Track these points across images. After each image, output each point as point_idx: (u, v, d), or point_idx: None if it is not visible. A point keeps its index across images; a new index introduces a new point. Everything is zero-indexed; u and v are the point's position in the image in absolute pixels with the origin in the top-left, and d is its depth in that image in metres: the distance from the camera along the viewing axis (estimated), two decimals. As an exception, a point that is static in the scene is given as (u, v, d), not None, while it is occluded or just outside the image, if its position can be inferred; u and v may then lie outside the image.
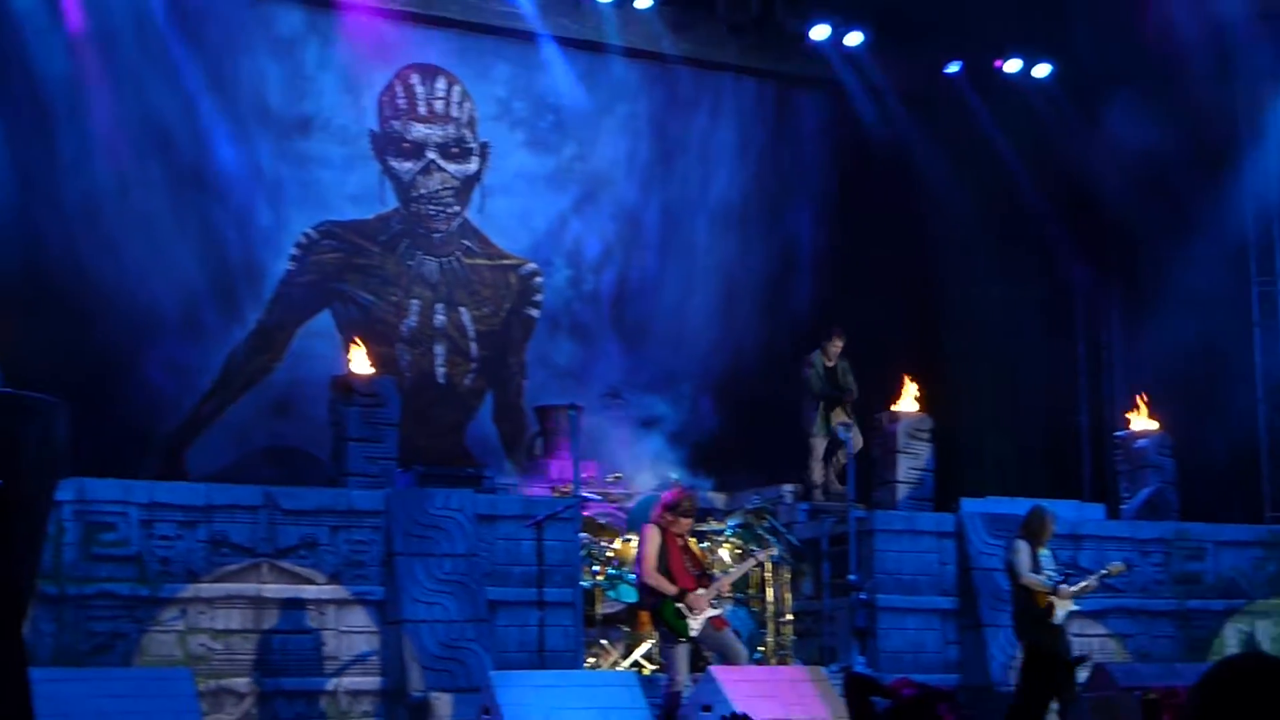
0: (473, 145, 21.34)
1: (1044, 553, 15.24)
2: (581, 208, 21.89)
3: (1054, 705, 15.05)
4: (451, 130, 21.23)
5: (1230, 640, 18.63)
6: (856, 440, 18.53)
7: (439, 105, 21.18)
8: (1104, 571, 15.79)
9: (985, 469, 22.65)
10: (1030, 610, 15.02)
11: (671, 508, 13.73)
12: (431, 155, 21.04)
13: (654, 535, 13.64)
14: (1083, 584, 15.36)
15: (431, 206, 21.02)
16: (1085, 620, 17.31)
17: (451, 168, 21.17)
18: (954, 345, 23.47)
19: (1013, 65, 23.25)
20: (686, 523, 13.82)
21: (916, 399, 18.98)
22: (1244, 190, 22.75)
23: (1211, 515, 19.59)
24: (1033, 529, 15.17)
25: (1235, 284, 22.69)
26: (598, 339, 21.63)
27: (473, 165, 21.33)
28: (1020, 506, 16.12)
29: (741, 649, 14.04)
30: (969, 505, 17.97)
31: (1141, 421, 20.19)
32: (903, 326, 22.93)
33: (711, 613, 13.57)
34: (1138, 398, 20.45)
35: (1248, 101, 22.31)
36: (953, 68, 23.26)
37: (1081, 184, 23.31)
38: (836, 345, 19.08)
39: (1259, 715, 3.11)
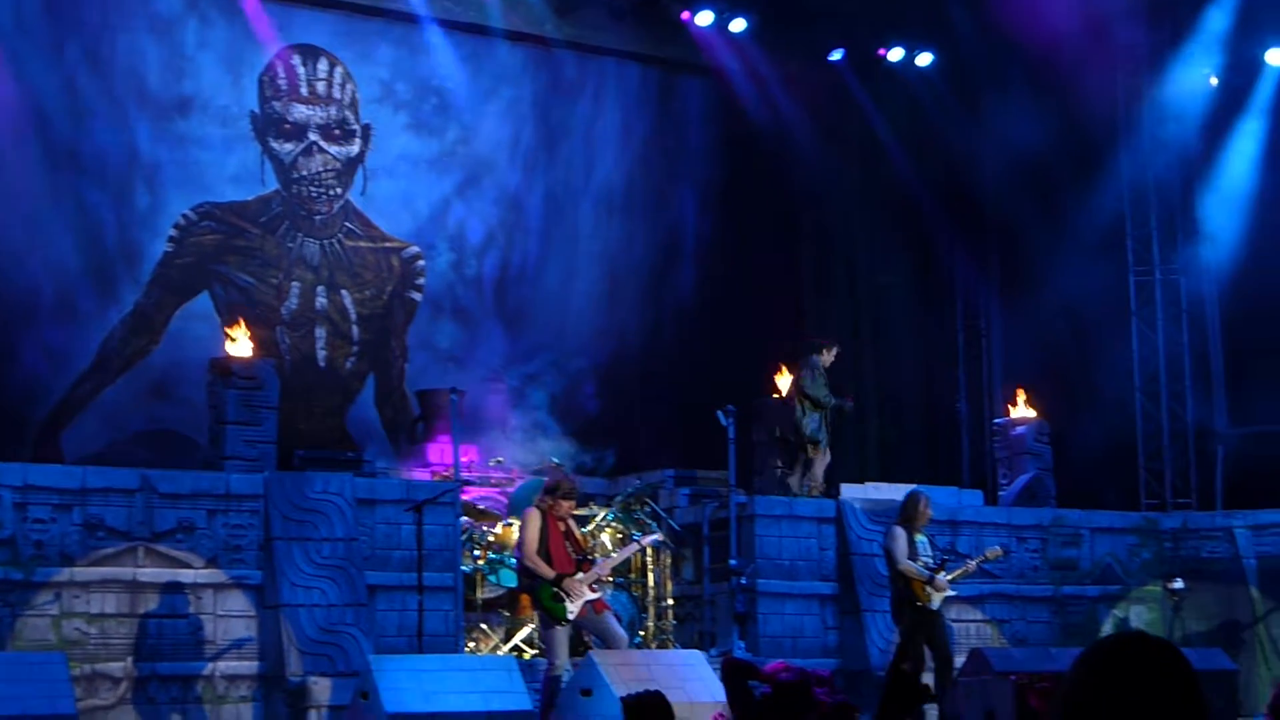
0: (355, 127, 21.18)
1: (921, 538, 15.38)
2: (464, 191, 21.79)
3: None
4: (333, 112, 21.06)
5: (1105, 624, 18.86)
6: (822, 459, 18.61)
7: (321, 87, 21.00)
8: (982, 556, 15.95)
9: (865, 455, 22.82)
10: (907, 596, 15.16)
11: (551, 491, 13.71)
12: (313, 137, 20.87)
13: (535, 519, 13.61)
14: (960, 569, 15.50)
15: (313, 188, 20.85)
16: (962, 605, 17.46)
17: (333, 149, 21.00)
18: (836, 331, 23.58)
19: (895, 54, 23.37)
20: (567, 505, 13.79)
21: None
22: (1122, 181, 23.02)
23: (1088, 502, 19.81)
24: (908, 514, 15.33)
25: (1113, 274, 22.95)
26: (480, 323, 21.55)
27: (355, 147, 21.17)
28: (899, 493, 16.25)
29: (622, 633, 14.03)
30: (849, 491, 18.08)
31: (1020, 409, 20.40)
32: (785, 312, 23.02)
33: (591, 596, 13.55)
34: (1018, 392, 20.66)
35: (1126, 93, 22.56)
36: (836, 55, 23.33)
37: (962, 172, 23.49)
38: (833, 354, 18.92)
39: (1135, 693, 3.10)
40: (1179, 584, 18.39)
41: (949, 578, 15.26)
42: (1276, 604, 18.75)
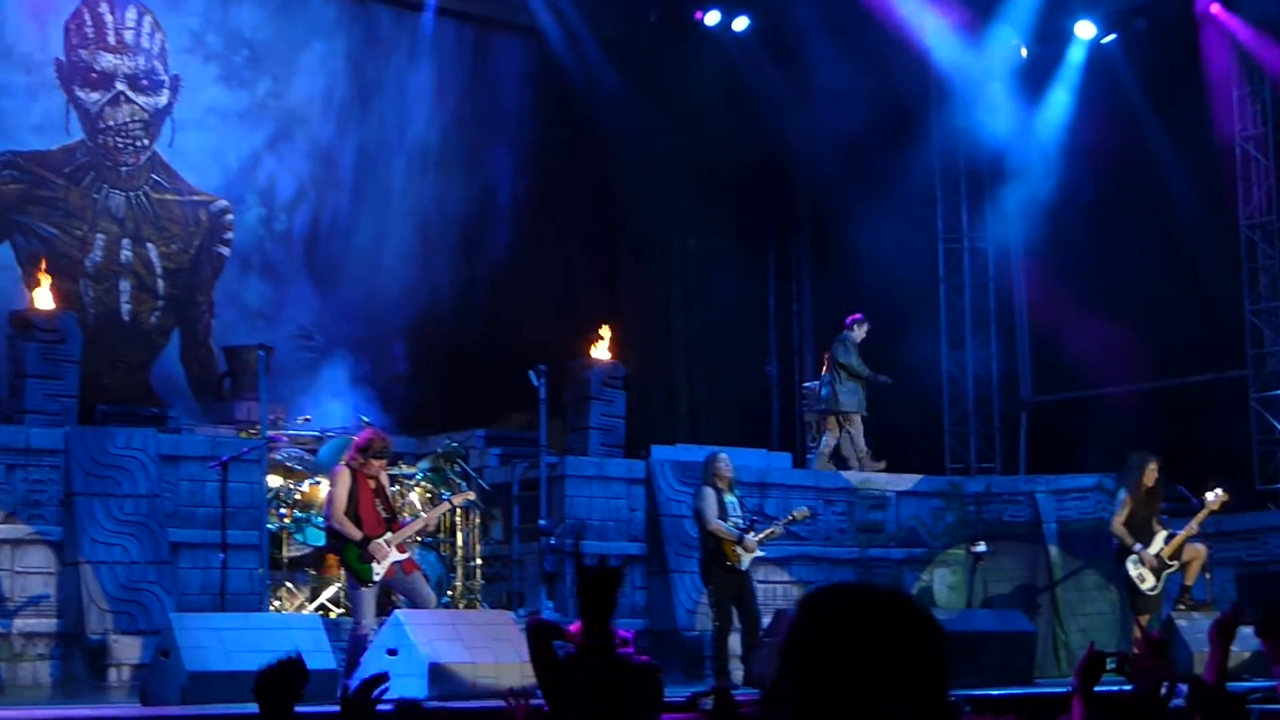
0: (163, 78, 20.79)
1: (731, 499, 15.48)
2: (276, 145, 21.50)
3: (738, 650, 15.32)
4: (141, 61, 20.65)
5: (908, 587, 19.09)
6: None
7: (129, 35, 20.59)
8: (790, 517, 16.08)
9: (677, 417, 22.90)
10: (717, 557, 15.25)
11: (363, 450, 13.55)
12: (120, 86, 20.45)
13: (345, 478, 13.45)
14: (769, 530, 15.62)
15: (119, 139, 20.45)
16: (770, 567, 17.58)
17: (141, 100, 20.61)
18: (649, 293, 23.65)
19: (712, 17, 23.40)
20: (379, 464, 13.65)
21: (610, 347, 19.06)
22: (933, 149, 23.28)
23: (894, 466, 20.03)
24: (709, 475, 15.45)
25: (923, 241, 23.24)
26: (290, 279, 21.29)
27: (163, 98, 20.79)
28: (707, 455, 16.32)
29: (430, 593, 13.95)
30: (659, 452, 18.13)
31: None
32: (599, 274, 23.02)
33: (399, 557, 13.45)
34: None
35: (938, 61, 22.79)
36: (652, 17, 23.31)
37: (777, 137, 23.61)
38: (864, 329, 19.71)
39: (864, 644, 3.03)
40: (982, 547, 18.66)
41: (758, 538, 15.37)
42: (1074, 568, 19.10)
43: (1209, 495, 16.91)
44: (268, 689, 5.44)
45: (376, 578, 13.28)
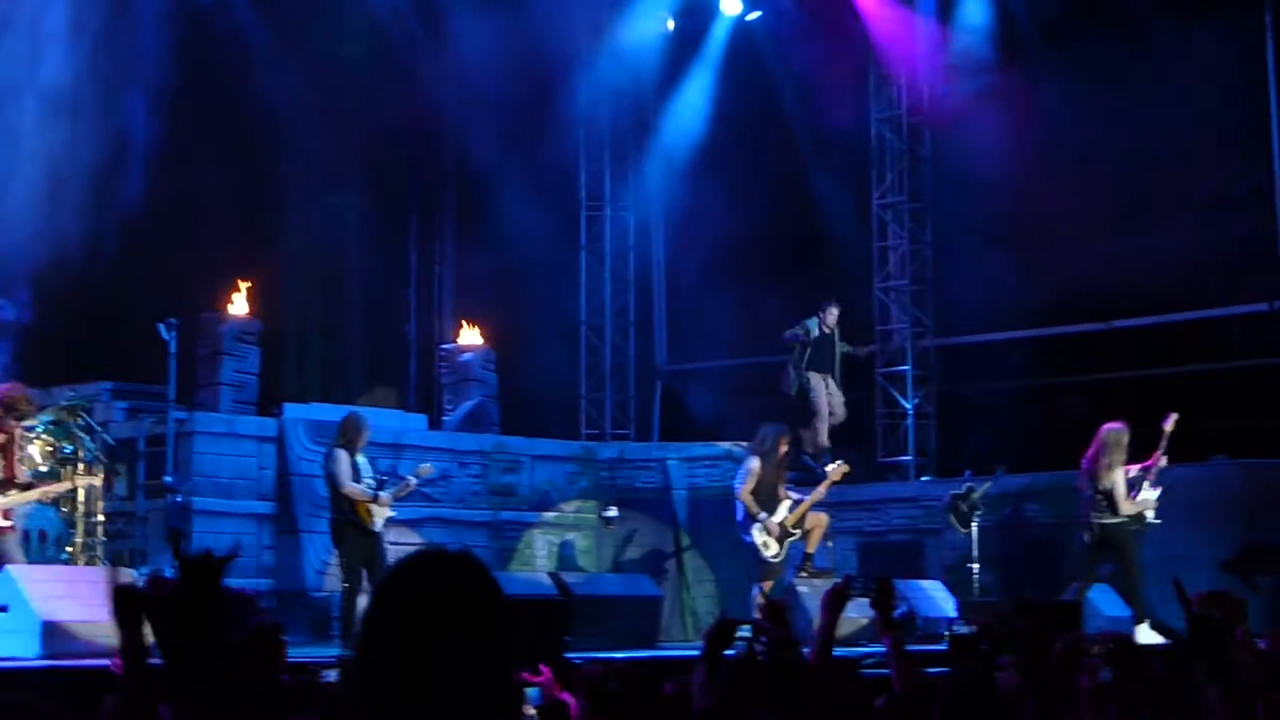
0: None
1: (362, 460, 15.34)
2: (-106, 80, 20.55)
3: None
4: None
5: (540, 550, 19.20)
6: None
7: None
8: (416, 473, 15.94)
9: (310, 375, 22.62)
10: (350, 518, 15.10)
11: (8, 408, 12.95)
12: None
13: (-37, 428, 12.90)
14: (400, 487, 15.52)
15: None
16: (401, 529, 17.46)
17: None
18: (286, 249, 23.29)
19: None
20: (14, 425, 13.07)
21: (248, 301, 18.76)
22: (577, 116, 23.38)
23: (530, 430, 20.11)
24: (348, 436, 15.27)
25: (566, 208, 23.36)
26: (-95, 223, 20.39)
27: None
28: (342, 414, 16.16)
29: (20, 557, 13.40)
30: (292, 410, 17.91)
31: (468, 335, 20.57)
32: (235, 227, 22.56)
33: (3, 523, 12.88)
34: (464, 319, 20.84)
35: (586, 28, 22.87)
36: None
37: (422, 97, 23.43)
38: (833, 314, 19.35)
39: (419, 609, 2.97)
40: (613, 512, 18.86)
41: (390, 495, 15.28)
42: (702, 534, 19.42)
43: (830, 466, 17.35)
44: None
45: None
